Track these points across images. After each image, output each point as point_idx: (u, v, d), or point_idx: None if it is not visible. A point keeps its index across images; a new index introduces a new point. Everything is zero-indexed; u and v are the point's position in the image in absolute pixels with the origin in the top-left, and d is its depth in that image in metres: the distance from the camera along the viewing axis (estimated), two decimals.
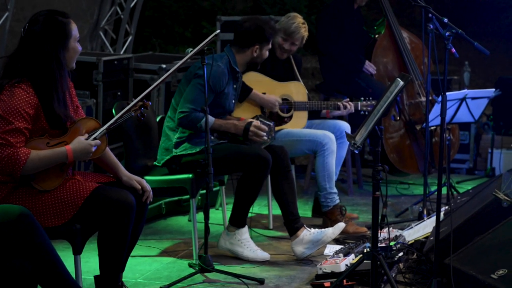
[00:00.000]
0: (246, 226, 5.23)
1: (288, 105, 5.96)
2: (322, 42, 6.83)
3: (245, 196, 5.15)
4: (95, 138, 4.04)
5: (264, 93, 5.87)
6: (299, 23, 5.98)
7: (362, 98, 6.18)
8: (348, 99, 6.15)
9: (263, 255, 5.20)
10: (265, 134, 5.28)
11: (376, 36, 7.13)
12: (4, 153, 3.83)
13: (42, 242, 3.66)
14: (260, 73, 5.89)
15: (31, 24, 3.97)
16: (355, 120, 6.48)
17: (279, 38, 5.97)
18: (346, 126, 6.08)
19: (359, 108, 6.12)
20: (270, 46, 5.43)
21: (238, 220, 5.20)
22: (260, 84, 5.85)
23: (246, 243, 5.20)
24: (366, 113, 6.12)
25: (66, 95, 4.04)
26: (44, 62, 3.95)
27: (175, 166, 5.20)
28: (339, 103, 6.06)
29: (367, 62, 6.88)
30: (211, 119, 5.15)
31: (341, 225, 5.26)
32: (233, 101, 5.38)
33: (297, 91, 6.02)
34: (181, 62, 4.71)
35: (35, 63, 3.94)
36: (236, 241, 5.20)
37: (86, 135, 4.05)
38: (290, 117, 5.97)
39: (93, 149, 4.02)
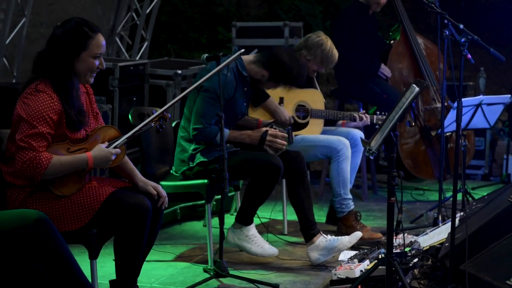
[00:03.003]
0: (253, 224, 5.24)
1: (305, 112, 5.97)
2: (337, 48, 6.83)
3: (254, 198, 5.16)
4: (115, 147, 4.07)
5: (282, 98, 5.88)
6: (331, 49, 6.00)
7: (378, 112, 6.18)
8: (364, 111, 6.15)
9: (271, 250, 5.21)
10: (281, 140, 5.27)
11: (391, 42, 7.12)
12: (26, 157, 3.86)
13: (59, 246, 3.68)
14: None
15: (59, 25, 4.03)
16: (372, 130, 6.46)
17: (314, 65, 6.00)
18: (360, 134, 6.07)
19: (374, 122, 6.11)
20: (274, 87, 5.39)
21: (244, 218, 5.22)
22: (279, 89, 5.85)
23: (253, 238, 5.20)
24: None
25: (78, 101, 4.06)
26: (58, 64, 3.99)
27: (189, 173, 5.21)
28: (355, 115, 6.07)
29: (382, 65, 6.87)
30: (226, 132, 5.15)
31: (358, 234, 5.26)
32: (245, 104, 5.36)
33: (314, 99, 6.02)
34: (205, 78, 4.68)
35: (51, 63, 3.99)
36: (244, 236, 5.21)
37: (107, 143, 4.08)
38: (306, 124, 5.98)
39: (113, 157, 4.05)
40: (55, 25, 4.06)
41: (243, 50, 4.90)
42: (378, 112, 6.20)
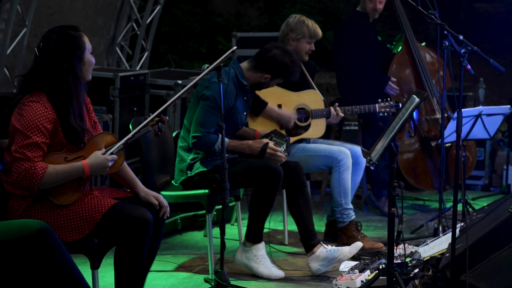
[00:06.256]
0: (263, 242, 5.24)
1: (305, 114, 5.95)
2: (343, 61, 6.78)
3: (259, 210, 5.16)
4: (112, 153, 4.06)
5: (280, 105, 5.85)
6: (313, 23, 5.98)
7: (380, 100, 6.12)
8: (337, 104, 6.08)
9: (278, 272, 5.20)
10: (281, 153, 5.28)
11: (394, 52, 7.09)
12: (22, 167, 3.87)
13: (62, 256, 3.68)
14: None
15: (45, 42, 4.01)
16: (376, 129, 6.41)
17: (304, 44, 5.94)
18: (360, 153, 5.98)
19: (377, 110, 6.08)
20: (281, 81, 5.42)
21: (254, 235, 5.21)
22: (275, 96, 5.84)
23: (262, 259, 5.20)
24: (385, 114, 6.09)
25: (82, 108, 4.08)
26: (61, 76, 3.98)
27: (187, 183, 5.21)
28: (356, 109, 6.04)
29: (390, 82, 6.80)
30: (225, 140, 5.15)
31: (358, 245, 5.25)
32: (245, 113, 5.38)
33: (313, 99, 5.98)
34: (197, 78, 4.73)
35: (51, 78, 3.98)
36: (252, 256, 5.20)
37: (103, 150, 4.08)
38: (308, 126, 5.95)
39: (110, 163, 4.04)
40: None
41: (235, 47, 4.92)
42: (380, 100, 6.13)
